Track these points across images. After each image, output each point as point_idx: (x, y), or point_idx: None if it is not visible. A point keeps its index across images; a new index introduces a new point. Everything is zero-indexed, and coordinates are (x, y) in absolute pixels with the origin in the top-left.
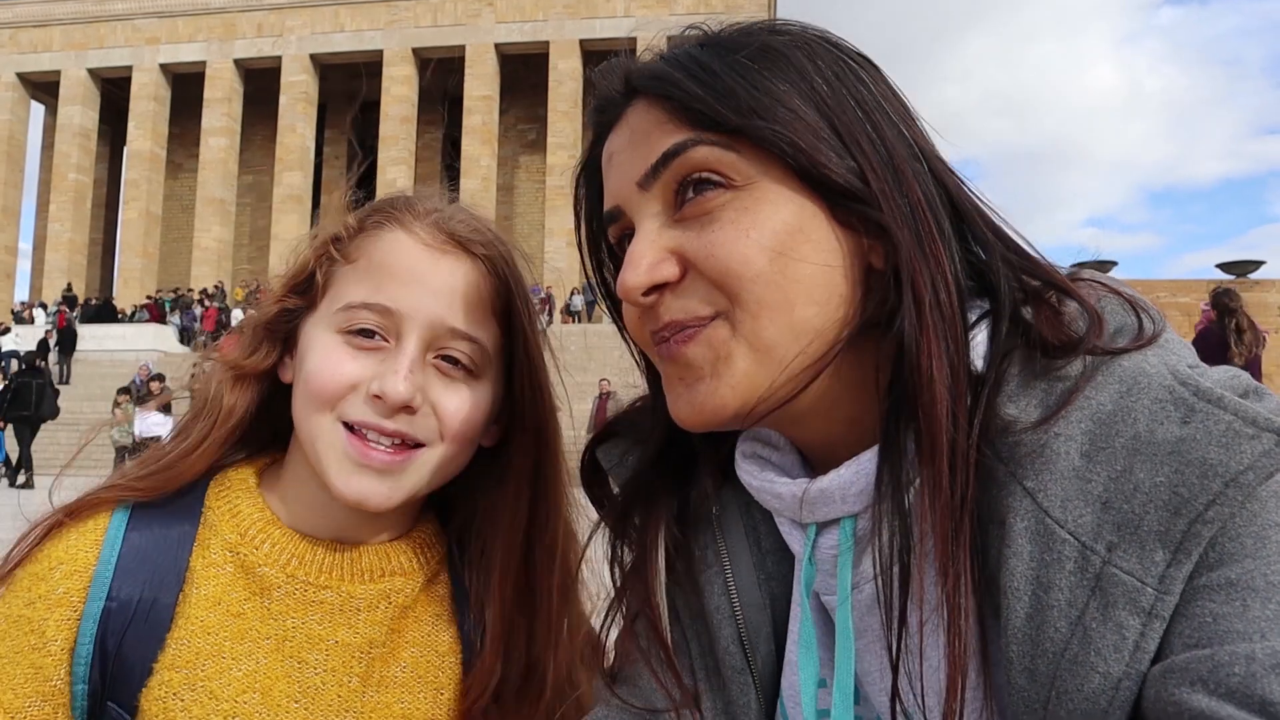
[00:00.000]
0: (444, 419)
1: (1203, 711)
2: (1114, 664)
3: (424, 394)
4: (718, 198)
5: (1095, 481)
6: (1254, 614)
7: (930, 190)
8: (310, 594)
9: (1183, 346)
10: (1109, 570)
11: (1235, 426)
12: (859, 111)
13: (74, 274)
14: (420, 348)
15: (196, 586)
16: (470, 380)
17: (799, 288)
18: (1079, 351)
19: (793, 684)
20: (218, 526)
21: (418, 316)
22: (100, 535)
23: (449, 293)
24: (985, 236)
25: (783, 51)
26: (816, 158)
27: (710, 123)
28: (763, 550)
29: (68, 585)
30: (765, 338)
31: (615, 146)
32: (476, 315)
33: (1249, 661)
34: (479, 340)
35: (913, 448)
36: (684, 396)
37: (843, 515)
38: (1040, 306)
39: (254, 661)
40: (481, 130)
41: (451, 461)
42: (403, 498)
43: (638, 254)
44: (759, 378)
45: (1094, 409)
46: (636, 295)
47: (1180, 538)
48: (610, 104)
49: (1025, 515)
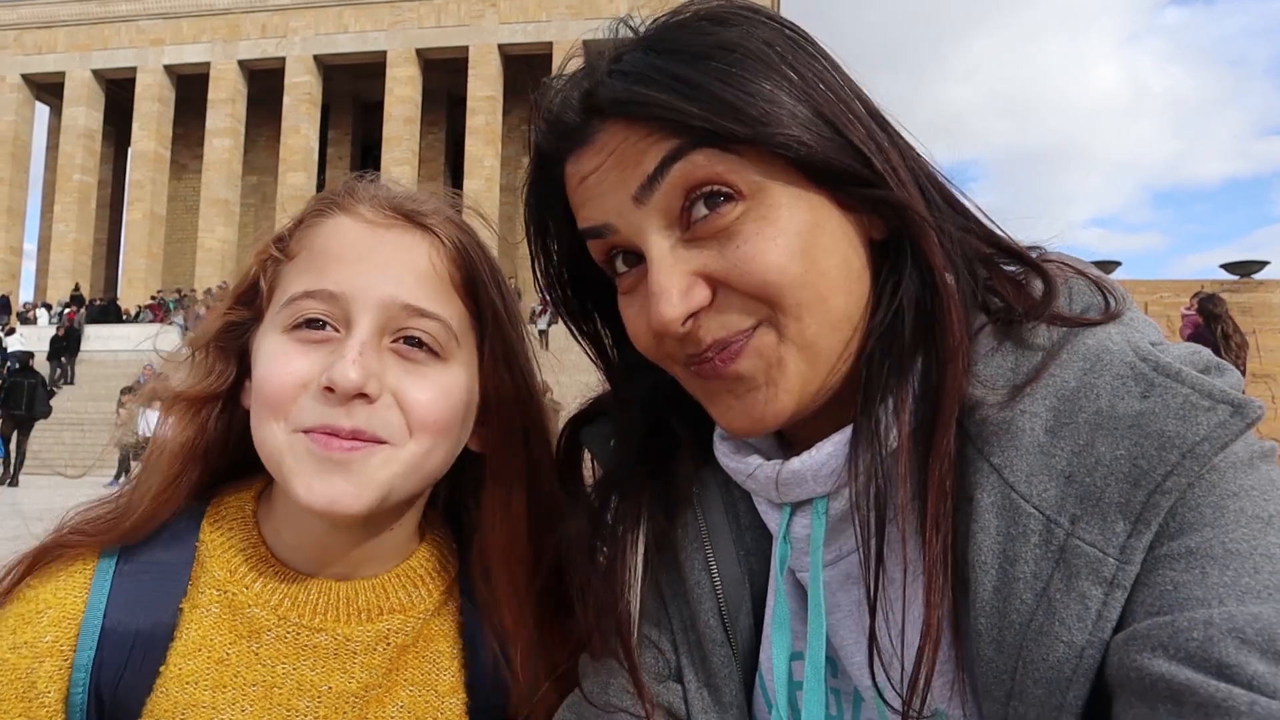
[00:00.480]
0: (409, 409)
1: (1162, 675)
2: (1078, 633)
3: (381, 381)
4: (731, 212)
5: (1059, 456)
6: (1212, 581)
7: (900, 154)
8: (303, 637)
9: (1147, 324)
10: (1072, 542)
11: (1192, 399)
12: (831, 94)
13: (78, 274)
14: (373, 330)
15: (182, 630)
16: (437, 364)
17: (828, 281)
18: (1042, 317)
19: (770, 657)
20: (207, 563)
21: (366, 297)
22: (88, 579)
23: (398, 267)
24: (937, 202)
25: (743, 45)
26: (821, 148)
27: (711, 137)
28: (742, 528)
29: (55, 634)
30: (810, 336)
31: (589, 167)
32: (434, 289)
33: (1207, 626)
34: (440, 317)
35: (889, 420)
36: (736, 408)
37: (815, 495)
38: (999, 275)
39: (238, 710)
40: (485, 131)
41: (425, 459)
42: (374, 498)
43: (664, 284)
44: (811, 375)
45: (1058, 386)
46: (676, 327)
47: (1140, 508)
48: (569, 126)
49: (992, 491)
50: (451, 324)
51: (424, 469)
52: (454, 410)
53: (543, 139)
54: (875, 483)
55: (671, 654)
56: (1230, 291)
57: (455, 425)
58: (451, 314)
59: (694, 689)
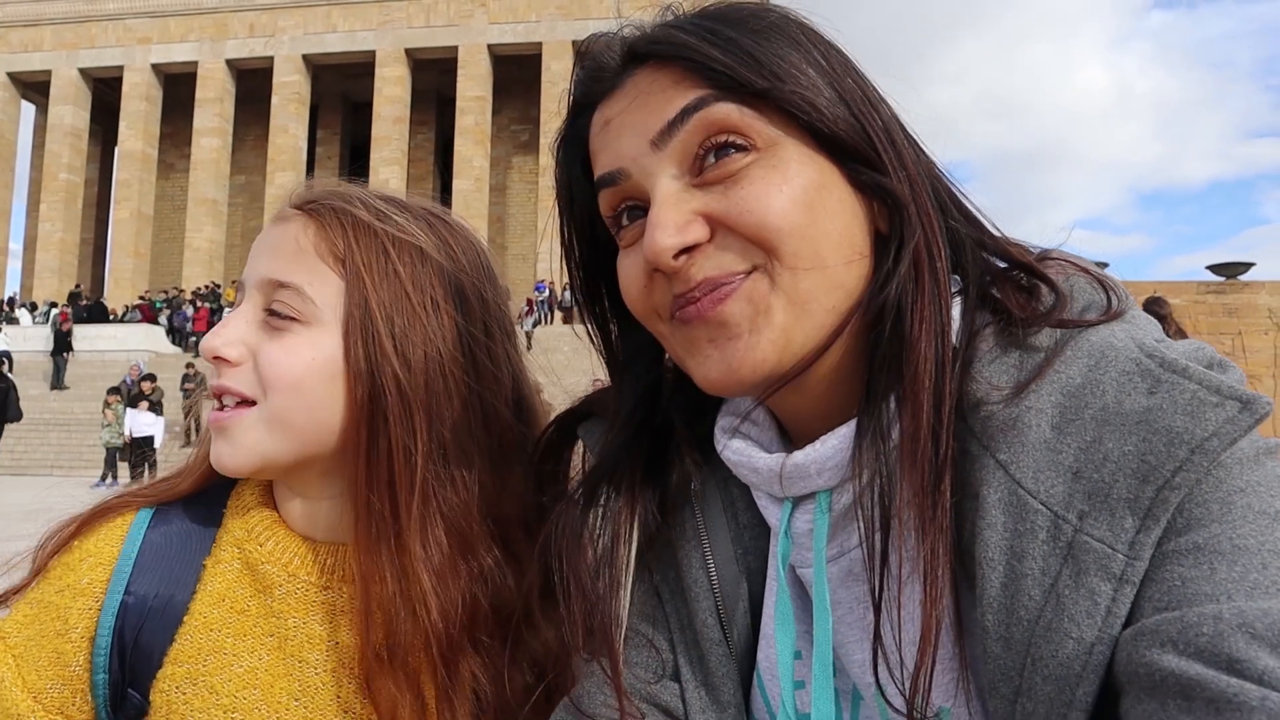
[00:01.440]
0: (261, 369)
1: (1172, 671)
2: (1087, 629)
3: (246, 346)
4: (742, 159)
5: (1066, 452)
6: (1221, 576)
7: (919, 164)
8: (311, 594)
9: (1149, 322)
10: (1080, 538)
11: (1200, 395)
12: (855, 87)
13: (65, 274)
14: (252, 307)
15: (207, 582)
16: (299, 328)
17: (830, 241)
18: (1047, 324)
19: (769, 656)
20: (229, 525)
21: (250, 279)
22: (124, 532)
23: (272, 249)
24: (954, 214)
25: (780, 26)
26: (836, 122)
27: (732, 84)
28: (740, 525)
29: (92, 576)
30: (803, 289)
31: (614, 111)
32: (297, 262)
33: (1216, 621)
34: (291, 284)
35: (890, 417)
36: (714, 357)
37: (819, 489)
38: (1007, 285)
39: (255, 659)
40: (474, 131)
41: (284, 416)
42: (250, 459)
43: (663, 216)
44: (796, 331)
45: (1063, 382)
46: (668, 257)
47: (1149, 504)
48: (606, 72)
49: (998, 487)
50: (308, 290)
51: (292, 425)
52: (300, 367)
53: (579, 85)
54: (879, 480)
55: (668, 652)
56: (1216, 293)
57: (307, 381)
58: (313, 282)
59: (691, 688)
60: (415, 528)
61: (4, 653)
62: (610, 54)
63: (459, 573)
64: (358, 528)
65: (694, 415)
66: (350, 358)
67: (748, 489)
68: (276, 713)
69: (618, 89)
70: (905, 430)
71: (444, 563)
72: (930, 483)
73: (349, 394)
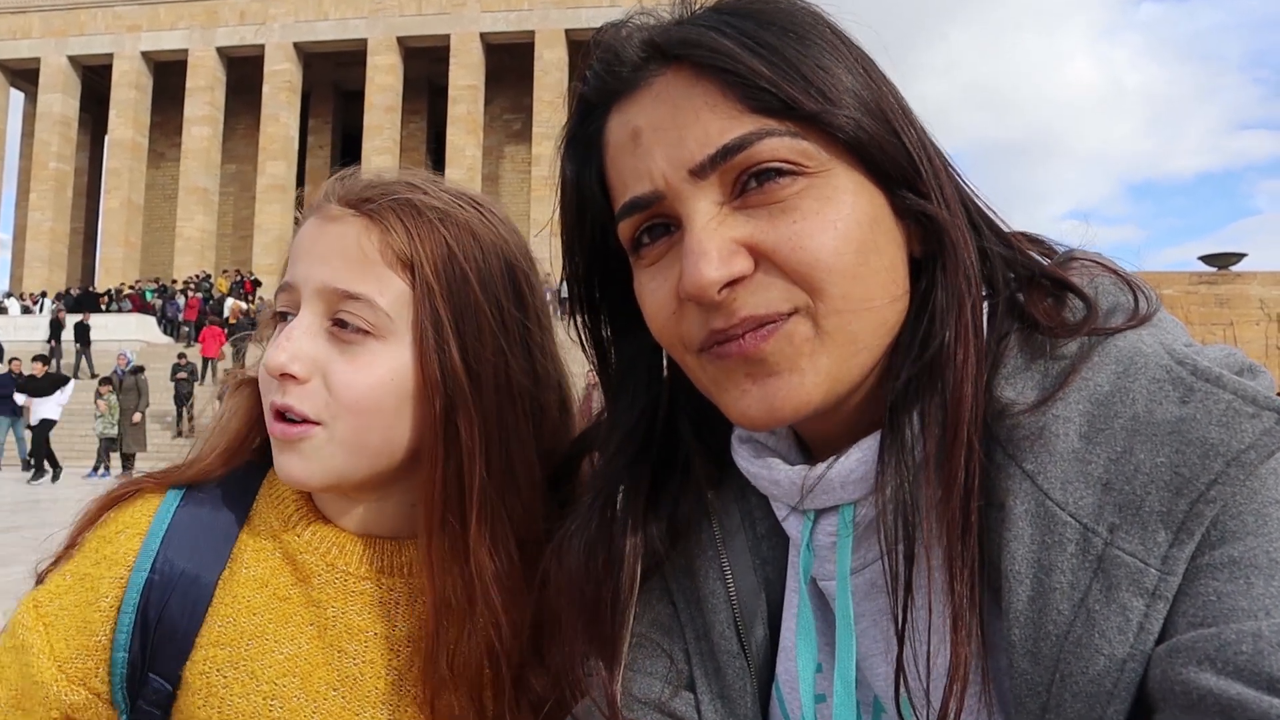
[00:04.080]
0: (332, 389)
1: (1211, 690)
2: (1118, 645)
3: (314, 363)
4: (792, 185)
5: (1095, 463)
6: (1258, 591)
7: (951, 180)
8: (350, 584)
9: (1176, 325)
10: (1111, 552)
11: (1235, 405)
12: (891, 96)
13: (55, 264)
14: (314, 316)
15: (245, 566)
16: (371, 342)
17: (879, 280)
18: (1075, 336)
19: (788, 669)
20: (264, 513)
21: (306, 285)
22: (154, 509)
23: (335, 255)
24: (980, 226)
25: (813, 25)
26: (885, 147)
27: (778, 105)
28: (758, 535)
29: (126, 546)
30: (851, 331)
31: (645, 121)
32: (364, 270)
33: (1256, 639)
34: (363, 296)
35: (915, 433)
36: (753, 394)
37: (842, 502)
38: (1035, 294)
39: (295, 646)
40: (466, 120)
41: (360, 437)
42: (324, 476)
43: (705, 244)
44: (842, 372)
45: (1091, 390)
46: (711, 293)
47: (1183, 518)
48: (624, 68)
49: (1025, 498)
50: (379, 302)
51: (367, 446)
52: (377, 387)
53: (592, 81)
54: (903, 498)
55: (684, 663)
56: (1209, 284)
57: (384, 402)
58: (383, 291)
59: (707, 701)
60: (488, 541)
61: (36, 621)
62: (629, 48)
63: (529, 583)
64: (431, 544)
65: (703, 423)
66: (427, 371)
67: (765, 498)
68: (314, 701)
69: (640, 89)
70: (931, 451)
71: (514, 575)
72: (959, 511)
73: (424, 407)
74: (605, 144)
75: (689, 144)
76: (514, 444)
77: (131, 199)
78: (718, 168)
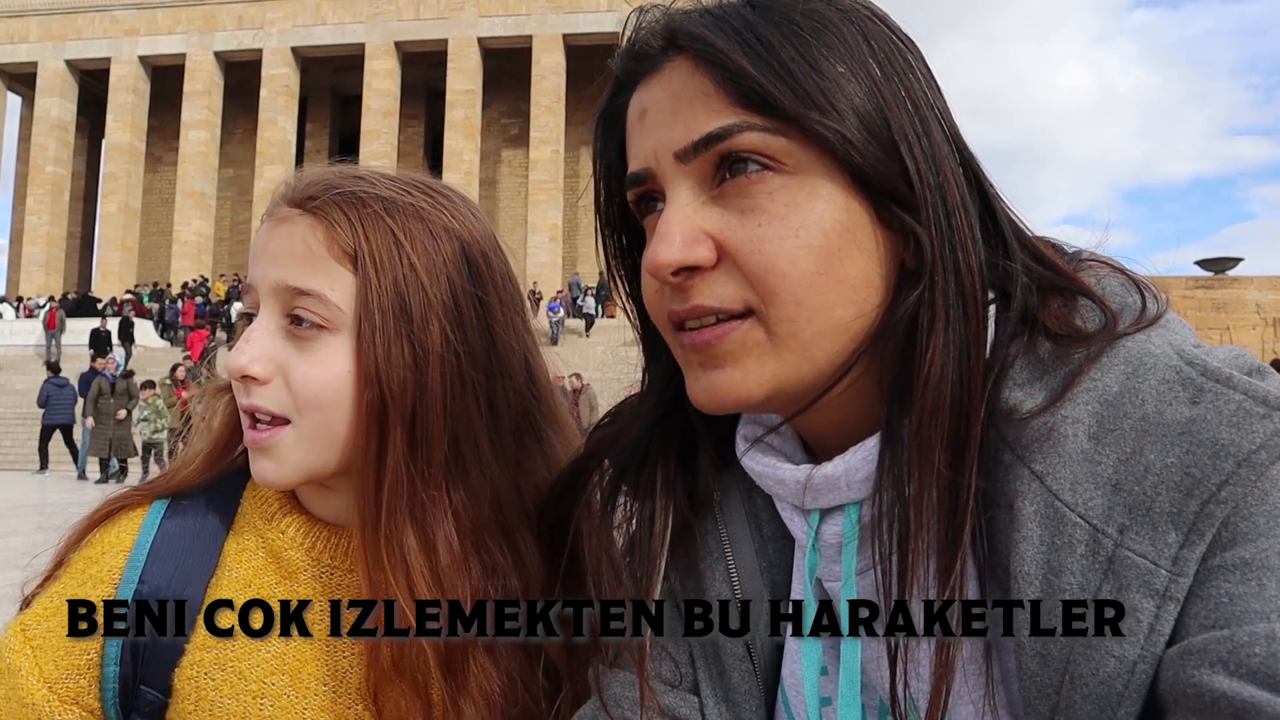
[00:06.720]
0: (291, 387)
1: (1224, 693)
2: (1129, 647)
3: (275, 363)
4: (765, 182)
5: (1104, 464)
6: (1270, 593)
7: (966, 188)
8: (336, 578)
9: (1184, 326)
10: (1121, 553)
11: (1246, 406)
12: (909, 105)
13: (52, 268)
14: (271, 316)
15: (229, 569)
16: (327, 336)
17: (841, 290)
18: (1090, 344)
19: (794, 671)
20: (249, 514)
21: (262, 285)
22: (139, 523)
23: (284, 254)
24: (1004, 232)
25: (838, 25)
26: (869, 159)
27: (761, 103)
28: (764, 537)
29: (112, 564)
30: (802, 338)
31: (650, 102)
32: (312, 266)
33: (1269, 641)
34: (313, 291)
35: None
36: (701, 381)
37: (847, 502)
38: (1048, 300)
39: (283, 643)
40: (464, 125)
41: (326, 431)
42: (295, 473)
43: (671, 228)
44: (791, 377)
45: (1100, 391)
46: (666, 273)
47: (1193, 519)
48: (648, 54)
49: (1034, 499)
50: (330, 296)
51: (336, 439)
52: (334, 380)
53: (621, 62)
54: (896, 504)
55: (688, 666)
56: (1205, 288)
57: (343, 394)
58: (333, 286)
59: (711, 704)
60: (422, 534)
61: (23, 644)
62: (654, 33)
63: (470, 572)
64: (364, 537)
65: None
66: (361, 363)
67: (771, 501)
68: (305, 698)
69: (657, 72)
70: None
71: (453, 564)
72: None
73: (358, 396)
74: (626, 120)
75: (678, 129)
76: (463, 432)
77: (129, 203)
78: (700, 154)
